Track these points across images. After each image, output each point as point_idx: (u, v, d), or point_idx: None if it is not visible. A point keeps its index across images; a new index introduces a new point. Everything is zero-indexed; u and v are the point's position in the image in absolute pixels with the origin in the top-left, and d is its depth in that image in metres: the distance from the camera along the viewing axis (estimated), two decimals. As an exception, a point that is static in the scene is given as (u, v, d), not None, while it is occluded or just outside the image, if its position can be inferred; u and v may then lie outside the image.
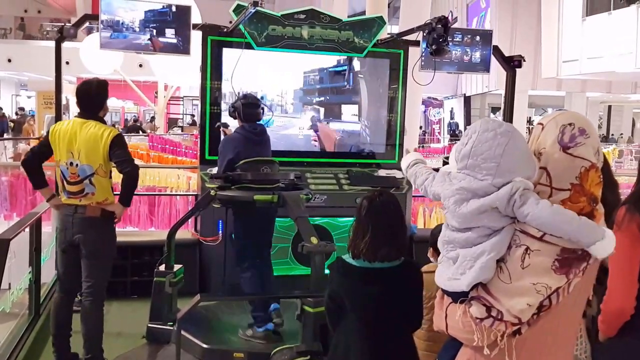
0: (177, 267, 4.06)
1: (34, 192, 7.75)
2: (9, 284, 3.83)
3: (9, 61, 21.54)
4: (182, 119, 25.07)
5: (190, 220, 5.26)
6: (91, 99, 3.55)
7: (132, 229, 7.52)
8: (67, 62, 17.09)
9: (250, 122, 3.96)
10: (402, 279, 2.35)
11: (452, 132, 25.56)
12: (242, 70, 4.80)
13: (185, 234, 5.33)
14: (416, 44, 5.17)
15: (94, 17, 4.53)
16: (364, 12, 14.80)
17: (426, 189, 2.07)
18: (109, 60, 14.80)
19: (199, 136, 5.18)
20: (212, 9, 13.77)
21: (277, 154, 4.57)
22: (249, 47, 4.91)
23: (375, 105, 5.51)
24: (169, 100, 21.13)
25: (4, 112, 21.78)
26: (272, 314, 3.81)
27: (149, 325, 3.98)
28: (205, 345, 3.68)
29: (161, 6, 4.52)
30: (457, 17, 4.47)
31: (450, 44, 4.49)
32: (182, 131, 20.99)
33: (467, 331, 1.86)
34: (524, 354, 1.83)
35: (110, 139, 3.41)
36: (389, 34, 5.65)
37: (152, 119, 22.19)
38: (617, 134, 24.98)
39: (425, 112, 26.30)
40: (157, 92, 19.64)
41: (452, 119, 26.95)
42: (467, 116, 24.87)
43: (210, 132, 5.00)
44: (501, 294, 1.79)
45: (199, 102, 5.19)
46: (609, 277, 2.00)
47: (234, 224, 3.99)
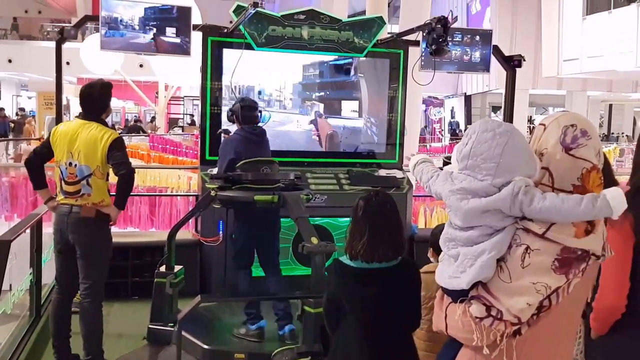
0: (177, 268, 4.05)
1: (34, 193, 7.76)
2: (10, 285, 3.83)
3: (10, 62, 21.58)
4: (183, 119, 25.09)
5: (190, 220, 5.26)
6: (94, 101, 3.57)
7: (133, 229, 7.53)
8: (68, 63, 17.11)
9: (248, 124, 4.02)
10: (400, 279, 2.35)
11: (452, 131, 25.57)
12: (244, 67, 4.83)
13: (185, 234, 5.33)
14: (416, 43, 5.16)
15: (94, 18, 4.54)
16: (364, 12, 14.81)
17: (430, 187, 2.07)
18: (109, 60, 14.83)
19: (199, 136, 5.18)
20: (212, 10, 13.79)
21: (277, 154, 4.58)
22: (249, 47, 4.91)
23: (375, 104, 5.51)
24: (170, 100, 21.16)
25: (5, 113, 21.77)
26: (286, 335, 3.81)
27: (150, 326, 3.98)
28: (206, 346, 3.68)
29: (161, 5, 4.52)
30: (457, 17, 4.46)
31: (450, 43, 4.49)
32: (182, 131, 21.01)
33: (467, 331, 1.86)
34: (524, 355, 1.83)
35: (109, 141, 3.44)
36: (389, 33, 5.65)
37: (153, 119, 22.21)
38: (618, 133, 24.95)
39: (425, 111, 26.32)
40: (157, 92, 19.66)
41: (452, 118, 26.97)
42: (468, 115, 24.89)
43: (210, 132, 5.00)
44: (501, 293, 1.79)
45: (199, 102, 5.20)
46: (600, 275, 2.01)
47: (234, 224, 4.01)
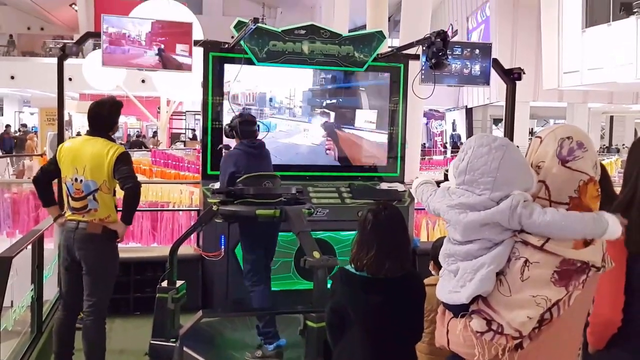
0: (179, 283, 4.04)
1: (36, 209, 7.77)
2: (11, 302, 3.82)
3: (12, 78, 21.69)
4: (185, 133, 25.16)
5: (192, 235, 5.26)
6: (103, 119, 3.58)
7: (135, 244, 7.52)
8: (70, 79, 17.23)
9: (247, 138, 4.07)
10: (405, 289, 2.35)
11: (454, 144, 25.58)
12: (248, 79, 4.92)
13: (187, 249, 5.33)
14: (416, 57, 5.19)
15: (96, 34, 4.56)
16: (364, 26, 14.93)
17: (428, 204, 2.07)
18: (111, 76, 14.89)
19: (201, 151, 5.20)
20: (213, 26, 13.90)
21: (278, 168, 4.58)
22: (249, 62, 4.94)
23: (375, 117, 5.52)
24: (172, 115, 21.22)
25: (11, 130, 21.82)
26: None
27: (152, 342, 3.95)
28: (208, 362, 3.66)
29: (163, 21, 4.55)
30: (457, 30, 4.49)
31: (449, 57, 4.51)
32: (184, 146, 21.05)
33: (468, 346, 1.84)
34: (526, 369, 1.82)
35: (115, 155, 3.44)
36: (389, 47, 5.68)
37: (155, 134, 22.26)
38: (620, 145, 24.94)
39: (427, 124, 26.37)
40: (159, 107, 19.73)
41: (454, 130, 27.01)
42: (469, 128, 24.91)
43: (212, 147, 5.02)
44: (501, 306, 1.79)
45: (200, 117, 5.22)
46: (596, 290, 2.00)
47: (243, 242, 4.02)
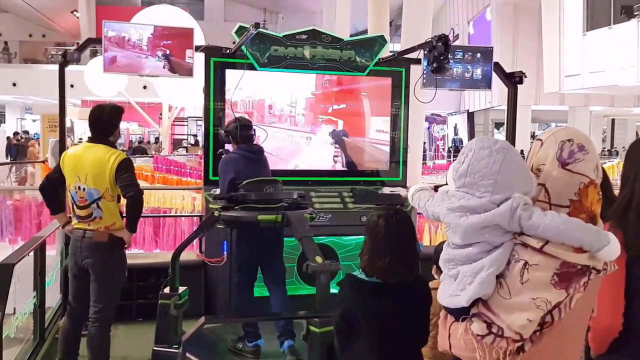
0: (182, 289, 4.03)
1: (38, 216, 7.79)
2: (14, 309, 3.81)
3: (14, 85, 21.75)
4: (187, 139, 25.21)
5: (195, 241, 5.25)
6: (102, 124, 3.56)
7: (137, 250, 7.52)
8: (72, 85, 17.37)
9: (245, 143, 4.11)
10: (414, 294, 2.35)
11: (455, 148, 25.58)
12: (250, 84, 4.94)
13: (190, 255, 5.32)
14: (418, 61, 5.19)
15: (97, 40, 4.57)
16: (366, 31, 14.95)
17: (427, 209, 2.06)
18: (113, 82, 14.94)
19: (202, 157, 5.20)
20: (214, 32, 13.92)
21: (280, 173, 4.58)
22: (251, 67, 4.94)
23: (377, 123, 5.52)
24: (174, 121, 21.27)
25: (16, 137, 21.85)
26: (286, 351, 3.81)
27: (155, 348, 3.94)
28: (211, 368, 3.66)
29: (164, 27, 4.56)
30: (458, 35, 4.49)
31: (451, 61, 4.51)
32: (187, 152, 21.09)
33: (469, 349, 1.83)
34: (528, 373, 1.81)
35: (117, 162, 3.41)
36: (391, 51, 5.69)
37: (157, 140, 22.29)
38: (621, 148, 24.92)
39: (429, 128, 26.38)
40: (161, 114, 19.77)
41: (456, 135, 27.02)
42: (471, 132, 24.92)
43: (214, 153, 5.01)
44: (501, 309, 1.77)
45: (202, 123, 5.23)
46: (597, 295, 1.99)
47: (236, 242, 4.03)
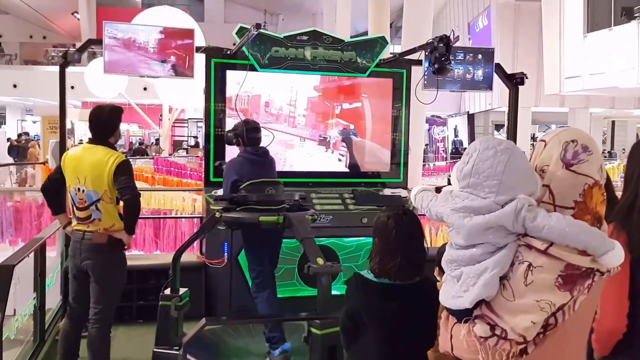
0: (182, 290, 4.03)
1: (39, 217, 7.78)
2: (14, 310, 3.80)
3: (15, 87, 21.76)
4: (187, 141, 25.20)
5: (195, 242, 5.24)
6: (102, 124, 3.55)
7: (138, 252, 7.51)
8: (72, 87, 17.34)
9: (252, 146, 4.07)
10: (421, 296, 2.33)
11: (455, 150, 25.57)
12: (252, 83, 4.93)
13: (190, 256, 5.31)
14: (419, 63, 5.18)
15: (97, 41, 4.56)
16: (366, 33, 14.95)
17: (430, 210, 2.05)
18: (113, 83, 14.95)
19: (203, 158, 5.19)
20: (215, 33, 13.92)
21: (281, 174, 4.57)
22: (252, 69, 4.93)
23: (379, 124, 5.52)
24: (174, 122, 21.27)
25: (19, 138, 21.86)
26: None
27: (155, 350, 3.94)
28: (211, 369, 3.65)
29: (163, 28, 4.56)
30: (458, 36, 4.48)
31: (452, 62, 4.50)
32: (187, 153, 21.08)
33: (472, 351, 1.82)
34: (532, 376, 1.79)
35: (115, 165, 3.40)
36: (391, 53, 5.68)
37: (157, 142, 22.30)
38: (620, 150, 24.90)
39: (429, 130, 26.37)
40: (161, 115, 19.76)
41: (456, 136, 27.03)
42: (471, 134, 24.91)
43: (214, 154, 5.01)
44: (505, 311, 1.76)
45: (203, 124, 5.23)
46: (600, 296, 1.98)
47: (246, 249, 4.03)
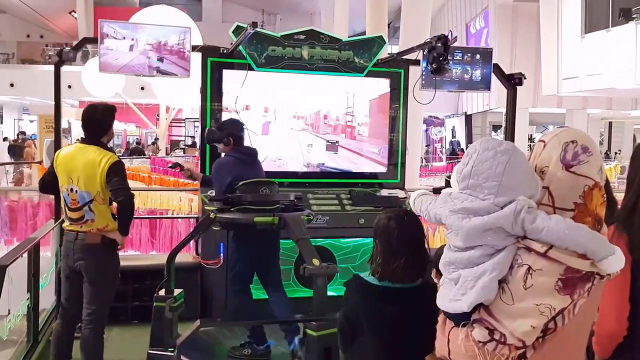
0: (177, 291, 3.99)
1: (34, 216, 7.73)
2: (8, 310, 3.77)
3: (12, 86, 21.70)
4: (184, 141, 25.16)
5: (191, 243, 5.20)
6: (95, 123, 3.50)
7: (134, 252, 7.47)
8: (69, 86, 17.34)
9: (240, 145, 4.10)
10: (422, 299, 2.29)
11: (452, 151, 25.57)
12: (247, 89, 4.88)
13: (186, 257, 5.28)
14: (416, 63, 5.16)
15: (93, 40, 4.53)
16: (364, 33, 14.92)
17: (429, 212, 2.02)
18: (110, 83, 14.90)
19: (199, 158, 5.16)
20: (213, 33, 13.89)
21: (277, 175, 4.54)
22: (249, 68, 4.90)
23: (377, 124, 5.48)
24: (171, 122, 21.22)
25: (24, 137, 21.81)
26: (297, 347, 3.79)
27: (149, 351, 3.90)
28: (206, 371, 3.61)
29: (160, 26, 4.53)
30: (456, 37, 4.46)
31: (450, 62, 4.47)
32: (184, 153, 21.03)
33: (470, 356, 1.79)
34: (530, 381, 1.76)
35: (107, 165, 3.35)
36: (389, 54, 5.66)
37: (154, 142, 22.26)
38: (618, 150, 24.94)
39: (427, 130, 26.37)
40: (158, 115, 19.71)
41: (453, 137, 27.03)
42: (469, 134, 24.93)
43: (210, 154, 4.97)
44: (504, 315, 1.73)
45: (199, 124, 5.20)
46: (601, 299, 1.95)
47: (231, 247, 4.00)
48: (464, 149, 22.74)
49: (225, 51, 4.98)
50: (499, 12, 18.86)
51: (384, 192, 5.32)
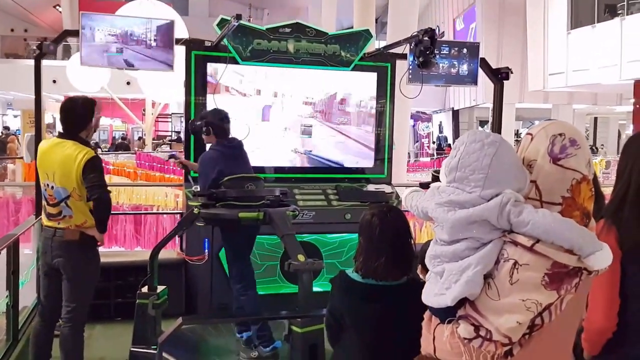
0: (160, 288, 3.93)
1: (16, 212, 7.61)
2: (-13, 309, 3.70)
3: (-5, 81, 21.39)
4: (171, 136, 24.97)
5: (176, 239, 5.14)
6: (74, 117, 3.39)
7: (118, 248, 7.39)
8: (54, 81, 17.14)
9: (225, 137, 3.99)
10: (406, 297, 2.26)
11: (438, 146, 25.65)
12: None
13: (170, 253, 5.21)
14: (403, 57, 5.12)
15: (74, 32, 4.44)
16: (351, 28, 14.85)
17: (417, 207, 1.99)
18: (96, 77, 14.70)
19: (183, 153, 5.09)
20: (199, 27, 13.74)
21: (263, 170, 4.49)
22: (233, 61, 4.84)
23: (363, 119, 5.44)
24: (157, 117, 21.04)
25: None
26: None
27: (132, 349, 3.85)
28: (189, 368, 3.57)
29: (144, 19, 4.45)
30: (443, 32, 4.43)
31: (437, 56, 4.45)
32: (170, 148, 20.85)
33: (456, 353, 1.76)
34: (516, 377, 1.74)
35: (84, 161, 3.24)
36: (376, 49, 5.62)
37: (140, 138, 22.09)
38: (605, 145, 25.15)
39: (414, 126, 26.42)
40: (144, 110, 19.54)
41: (440, 132, 27.11)
42: (456, 130, 25.02)
43: (195, 148, 4.91)
44: (489, 311, 1.70)
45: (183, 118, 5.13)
46: (590, 295, 1.93)
47: (227, 247, 3.97)
48: (451, 145, 22.82)
49: (209, 44, 4.91)
50: (486, 8, 18.88)
51: (371, 187, 5.28)
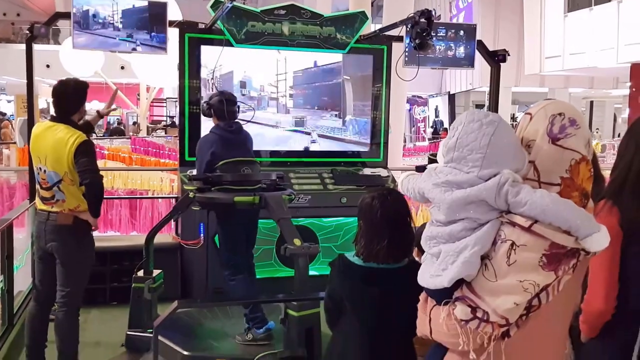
0: (156, 272, 3.93)
1: (11, 197, 7.58)
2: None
3: (-14, 66, 21.17)
4: (165, 120, 24.84)
5: (171, 223, 5.13)
6: (66, 100, 3.34)
7: (114, 233, 7.37)
8: (48, 65, 16.96)
9: (225, 120, 3.86)
10: (408, 279, 2.24)
11: (434, 130, 25.60)
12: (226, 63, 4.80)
13: (166, 237, 5.20)
14: (400, 39, 5.08)
15: (66, 15, 4.38)
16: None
17: (414, 189, 1.96)
18: (89, 61, 14.55)
19: (178, 137, 5.06)
20: (193, 11, 13.59)
21: (259, 154, 4.46)
22: (228, 44, 4.79)
23: (359, 102, 5.41)
24: (152, 102, 20.91)
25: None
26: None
27: (128, 332, 3.86)
28: (185, 352, 3.57)
29: (136, 2, 4.39)
30: (440, 15, 4.39)
31: (434, 38, 4.41)
32: (165, 133, 20.75)
33: (452, 335, 1.75)
34: (513, 359, 1.73)
35: (75, 145, 3.20)
36: (372, 31, 5.57)
37: (135, 123, 21.96)
38: (601, 129, 25.20)
39: (410, 110, 26.34)
40: (139, 94, 19.42)
41: (436, 116, 27.03)
42: (452, 114, 24.94)
43: (189, 132, 4.87)
44: (486, 293, 1.68)
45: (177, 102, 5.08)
46: (589, 277, 1.92)
47: (216, 227, 3.92)
48: (447, 129, 22.78)
49: (203, 26, 4.85)
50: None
51: (367, 171, 5.27)
